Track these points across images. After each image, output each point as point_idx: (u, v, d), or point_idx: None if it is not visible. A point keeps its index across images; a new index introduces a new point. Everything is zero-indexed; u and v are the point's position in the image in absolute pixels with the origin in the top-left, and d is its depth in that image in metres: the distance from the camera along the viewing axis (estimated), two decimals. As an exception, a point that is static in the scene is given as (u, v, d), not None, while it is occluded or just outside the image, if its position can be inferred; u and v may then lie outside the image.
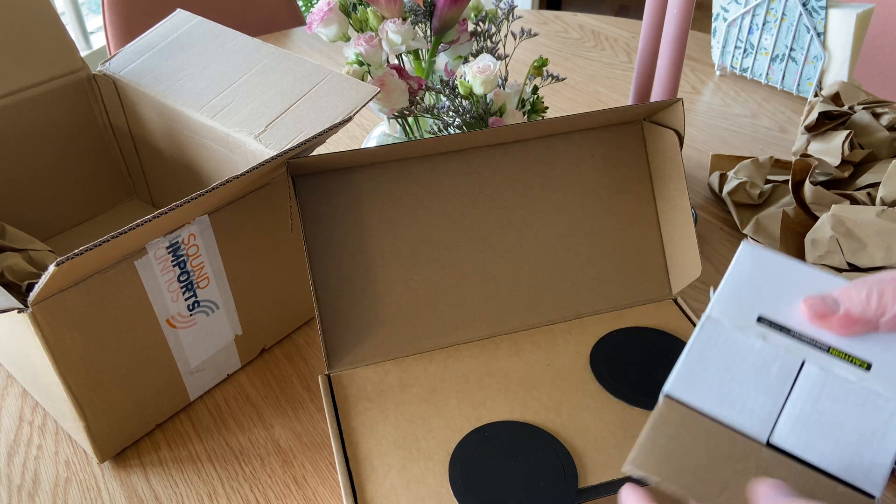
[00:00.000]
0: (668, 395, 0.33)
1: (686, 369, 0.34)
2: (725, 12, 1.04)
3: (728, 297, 0.36)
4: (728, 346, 0.35)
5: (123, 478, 0.53)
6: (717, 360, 0.34)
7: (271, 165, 0.49)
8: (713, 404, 0.33)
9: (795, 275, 0.37)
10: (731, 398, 0.33)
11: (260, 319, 0.60)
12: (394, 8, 0.65)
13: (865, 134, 0.74)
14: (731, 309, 0.36)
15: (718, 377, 0.34)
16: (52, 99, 0.67)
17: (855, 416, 0.32)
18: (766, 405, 0.33)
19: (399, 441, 0.49)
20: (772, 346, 0.34)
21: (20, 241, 0.60)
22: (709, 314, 0.36)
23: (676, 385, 0.34)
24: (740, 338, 0.35)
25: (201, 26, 0.68)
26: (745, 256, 0.38)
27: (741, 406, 0.33)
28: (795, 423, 0.32)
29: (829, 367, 0.33)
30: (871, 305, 0.33)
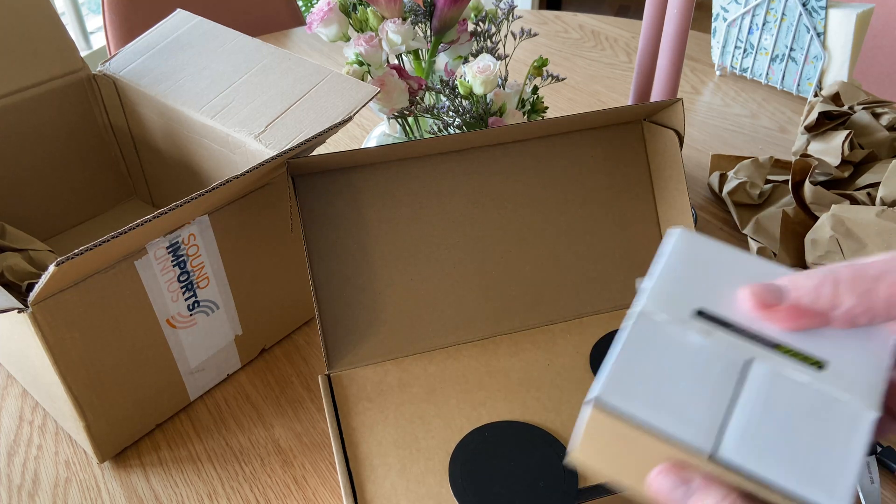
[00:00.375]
0: (598, 402, 0.29)
1: (617, 372, 0.29)
2: (725, 12, 1.04)
3: (662, 289, 0.31)
4: (664, 344, 0.30)
5: (123, 478, 0.53)
6: (652, 360, 0.30)
7: (271, 165, 0.49)
8: (648, 412, 0.28)
9: (736, 263, 0.32)
10: (668, 405, 0.28)
11: (260, 319, 0.60)
12: (394, 8, 0.65)
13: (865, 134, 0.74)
14: (665, 302, 0.31)
15: (654, 381, 0.29)
16: (52, 99, 0.67)
17: (811, 423, 0.28)
18: (708, 412, 0.28)
19: (399, 441, 0.49)
20: (713, 343, 0.30)
21: (20, 241, 0.60)
22: (641, 309, 0.31)
23: (607, 390, 0.29)
24: (677, 334, 0.30)
25: (201, 26, 0.68)
26: (677, 243, 0.33)
27: (680, 414, 0.28)
28: (743, 434, 0.28)
29: (778, 366, 0.29)
30: (822, 296, 0.29)
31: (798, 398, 0.28)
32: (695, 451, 0.27)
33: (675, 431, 0.28)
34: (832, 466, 0.27)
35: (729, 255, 0.33)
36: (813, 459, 0.27)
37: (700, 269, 0.32)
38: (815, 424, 0.28)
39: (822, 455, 0.27)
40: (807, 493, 0.27)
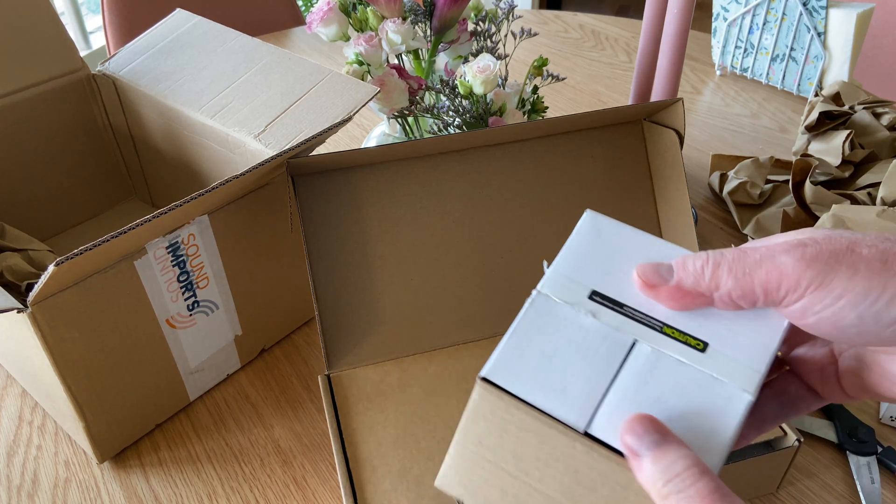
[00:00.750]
0: (484, 379, 0.29)
1: (507, 351, 0.29)
2: (726, 12, 1.04)
3: (562, 270, 0.32)
4: (555, 324, 0.30)
5: (123, 478, 0.53)
6: (542, 340, 0.30)
7: (271, 165, 0.49)
8: (531, 390, 0.28)
9: (639, 245, 0.33)
10: (551, 383, 0.29)
11: (260, 319, 0.60)
12: (394, 8, 0.65)
13: (866, 134, 0.74)
14: (563, 283, 0.31)
15: (541, 360, 0.29)
16: (52, 99, 0.67)
17: (687, 402, 0.28)
18: (587, 390, 0.28)
19: (399, 441, 0.48)
20: (602, 323, 0.30)
21: (20, 241, 0.60)
22: (538, 289, 0.31)
23: (495, 368, 0.29)
24: (569, 315, 0.30)
25: (201, 26, 0.68)
26: (585, 226, 0.33)
27: (561, 391, 0.28)
28: (615, 411, 0.28)
29: (661, 347, 0.29)
30: (704, 277, 0.29)
31: (676, 378, 0.29)
32: (571, 428, 0.28)
33: (553, 408, 0.28)
34: (706, 446, 0.27)
35: (633, 237, 0.33)
36: (686, 439, 0.27)
37: (602, 252, 0.33)
38: (691, 404, 0.28)
39: (695, 435, 0.27)
40: None
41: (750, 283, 0.28)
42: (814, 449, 0.55)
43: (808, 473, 0.53)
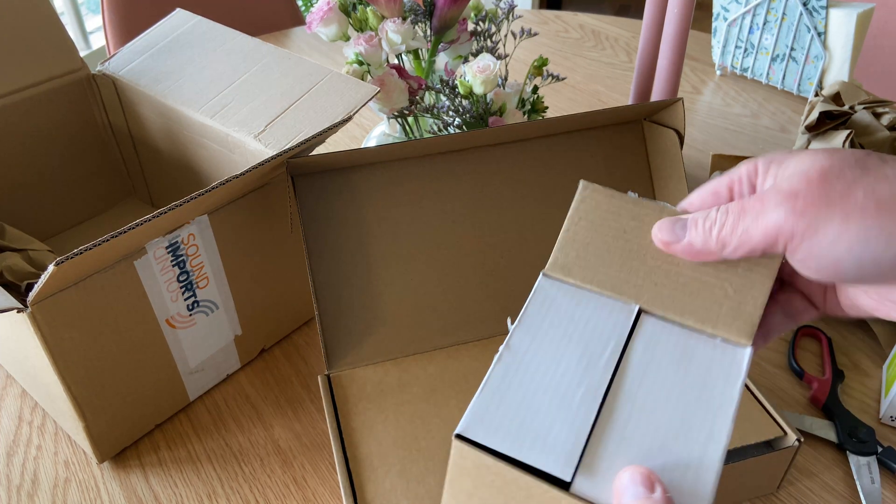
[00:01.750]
0: (460, 437, 0.29)
1: (480, 405, 0.30)
2: (726, 12, 1.04)
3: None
4: (529, 376, 0.31)
5: (123, 478, 0.53)
6: (516, 391, 0.30)
7: (271, 165, 0.49)
8: (510, 443, 0.28)
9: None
10: (530, 433, 0.29)
11: (259, 319, 0.60)
12: (393, 7, 0.65)
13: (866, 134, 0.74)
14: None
15: (517, 411, 0.29)
16: (52, 99, 0.67)
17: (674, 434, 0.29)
18: (568, 435, 0.28)
19: (399, 441, 0.48)
20: (575, 367, 0.31)
21: (19, 241, 0.60)
22: (507, 343, 0.32)
23: (470, 424, 0.29)
24: (541, 364, 0.31)
25: (201, 26, 0.68)
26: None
27: (542, 440, 0.28)
28: (602, 456, 0.28)
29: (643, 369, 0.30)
30: (711, 239, 0.32)
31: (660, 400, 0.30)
32: (556, 478, 0.27)
33: (534, 460, 0.28)
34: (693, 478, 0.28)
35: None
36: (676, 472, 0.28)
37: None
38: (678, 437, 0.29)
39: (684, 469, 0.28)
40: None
41: (750, 240, 0.31)
42: (814, 449, 0.55)
43: (808, 473, 0.53)
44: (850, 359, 0.62)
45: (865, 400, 0.58)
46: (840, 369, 0.60)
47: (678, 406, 0.30)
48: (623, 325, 0.33)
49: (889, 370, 0.58)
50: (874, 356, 0.62)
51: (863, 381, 0.60)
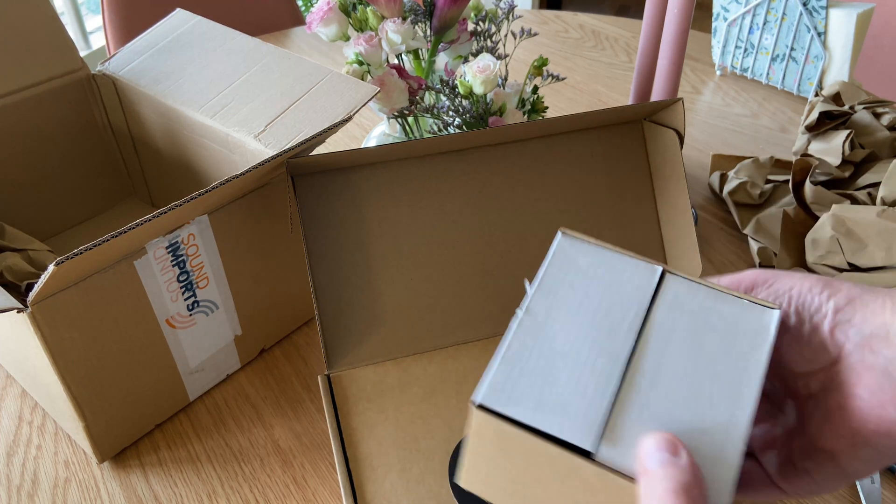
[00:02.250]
0: (481, 407, 0.28)
1: (500, 373, 0.29)
2: (726, 12, 1.04)
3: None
4: (549, 342, 0.30)
5: (123, 478, 0.53)
6: (537, 358, 0.29)
7: (271, 165, 0.49)
8: (531, 412, 0.28)
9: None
10: (551, 401, 0.28)
11: (259, 319, 0.60)
12: (393, 7, 0.65)
13: (866, 134, 0.74)
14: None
15: (538, 379, 0.29)
16: (52, 99, 0.67)
17: (697, 393, 0.28)
18: (591, 403, 0.28)
19: (399, 441, 0.48)
20: (595, 332, 0.30)
21: (19, 241, 0.60)
22: (526, 308, 0.31)
23: (490, 393, 0.28)
24: (560, 330, 0.30)
25: (201, 26, 0.68)
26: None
27: (563, 409, 0.28)
28: (626, 424, 0.27)
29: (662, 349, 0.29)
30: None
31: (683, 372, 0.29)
32: (578, 448, 0.27)
33: (557, 430, 0.27)
34: (723, 433, 0.27)
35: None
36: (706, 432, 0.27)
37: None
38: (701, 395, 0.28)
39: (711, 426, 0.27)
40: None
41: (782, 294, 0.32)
42: (814, 449, 0.54)
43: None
44: (850, 359, 0.62)
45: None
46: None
47: (704, 371, 0.29)
48: (646, 286, 0.31)
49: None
50: (874, 356, 0.62)
51: (863, 381, 0.60)
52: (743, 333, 0.30)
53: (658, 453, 0.26)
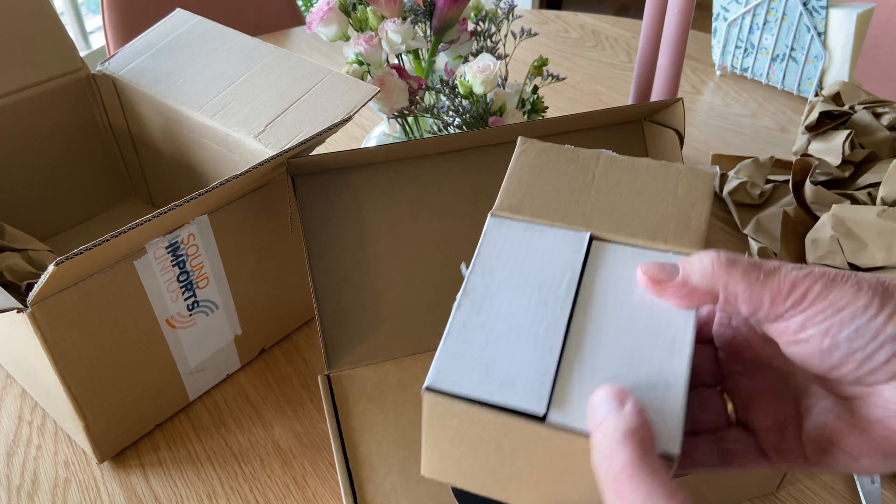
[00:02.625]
0: (430, 389, 0.28)
1: (445, 355, 0.29)
2: (726, 12, 1.04)
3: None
4: (490, 318, 0.31)
5: (123, 478, 0.53)
6: (479, 335, 0.30)
7: (271, 165, 0.49)
8: (480, 387, 0.28)
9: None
10: (498, 373, 0.28)
11: (259, 319, 0.60)
12: (393, 7, 0.65)
13: (866, 134, 0.74)
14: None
15: (483, 354, 0.29)
16: (52, 99, 0.67)
17: (640, 348, 0.29)
18: (536, 371, 0.28)
19: (399, 441, 0.48)
20: (535, 302, 0.31)
21: (19, 241, 0.60)
22: (464, 289, 0.32)
23: (438, 376, 0.29)
24: (501, 307, 0.31)
25: (201, 26, 0.68)
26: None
27: (511, 380, 0.28)
28: (575, 383, 0.28)
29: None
30: (713, 275, 0.29)
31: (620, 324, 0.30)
32: (530, 414, 0.27)
33: (506, 400, 0.28)
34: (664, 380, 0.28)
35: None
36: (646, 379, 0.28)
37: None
38: (644, 349, 0.29)
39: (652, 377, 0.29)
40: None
41: (760, 290, 0.28)
42: (814, 449, 0.54)
43: (808, 473, 0.53)
44: (850, 359, 0.62)
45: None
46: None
47: (640, 326, 0.30)
48: (576, 253, 0.33)
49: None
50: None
51: (863, 381, 0.60)
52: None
53: (605, 404, 0.27)
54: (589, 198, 0.35)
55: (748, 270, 0.29)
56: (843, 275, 0.28)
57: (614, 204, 0.35)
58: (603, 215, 0.34)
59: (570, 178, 0.36)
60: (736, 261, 0.29)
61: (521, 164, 0.37)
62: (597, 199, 0.35)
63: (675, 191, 0.35)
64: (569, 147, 0.37)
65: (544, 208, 0.35)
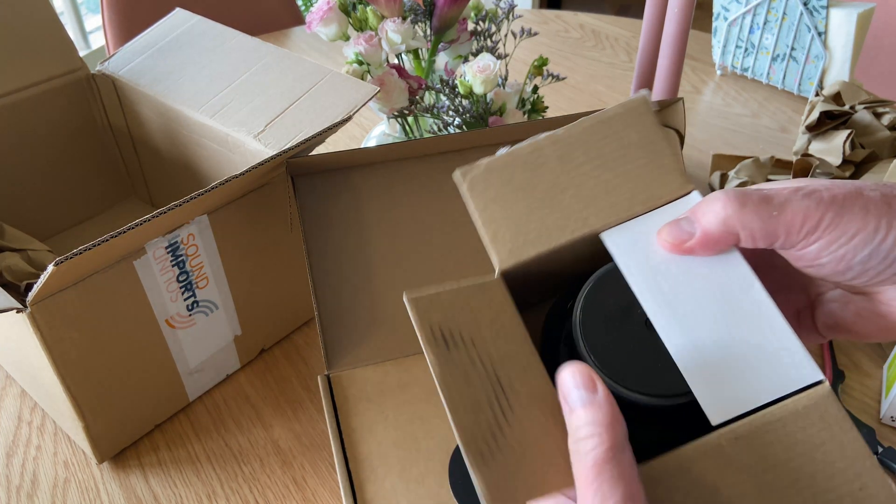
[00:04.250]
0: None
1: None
2: (726, 11, 1.04)
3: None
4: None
5: (122, 478, 0.53)
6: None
7: (271, 165, 0.49)
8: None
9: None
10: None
11: (259, 320, 0.60)
12: (393, 7, 0.65)
13: (866, 133, 0.74)
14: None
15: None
16: (51, 99, 0.67)
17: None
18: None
19: (399, 441, 0.48)
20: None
21: (19, 241, 0.60)
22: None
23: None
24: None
25: (200, 25, 0.67)
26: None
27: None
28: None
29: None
30: (730, 219, 0.30)
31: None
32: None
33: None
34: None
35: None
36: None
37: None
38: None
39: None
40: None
41: (775, 225, 0.30)
42: (814, 449, 0.54)
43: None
44: (850, 359, 0.62)
45: (866, 400, 0.58)
46: (840, 370, 0.60)
47: (704, 286, 0.31)
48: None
49: (889, 370, 0.58)
50: (874, 356, 0.62)
51: (863, 382, 0.60)
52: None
53: (576, 391, 0.28)
54: (564, 200, 0.34)
55: (760, 206, 0.30)
56: (851, 196, 0.29)
57: (593, 188, 0.34)
58: (593, 206, 0.34)
59: (535, 188, 0.34)
60: (746, 198, 0.30)
61: (479, 203, 0.35)
62: (571, 197, 0.34)
63: (629, 140, 0.34)
64: (503, 152, 0.35)
65: (540, 235, 0.34)
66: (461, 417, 0.29)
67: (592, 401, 0.27)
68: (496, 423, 0.29)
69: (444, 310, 0.31)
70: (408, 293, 0.30)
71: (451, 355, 0.30)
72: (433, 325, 0.30)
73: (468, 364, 0.30)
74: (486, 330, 0.31)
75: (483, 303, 0.31)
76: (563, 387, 0.29)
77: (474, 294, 0.31)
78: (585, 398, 0.28)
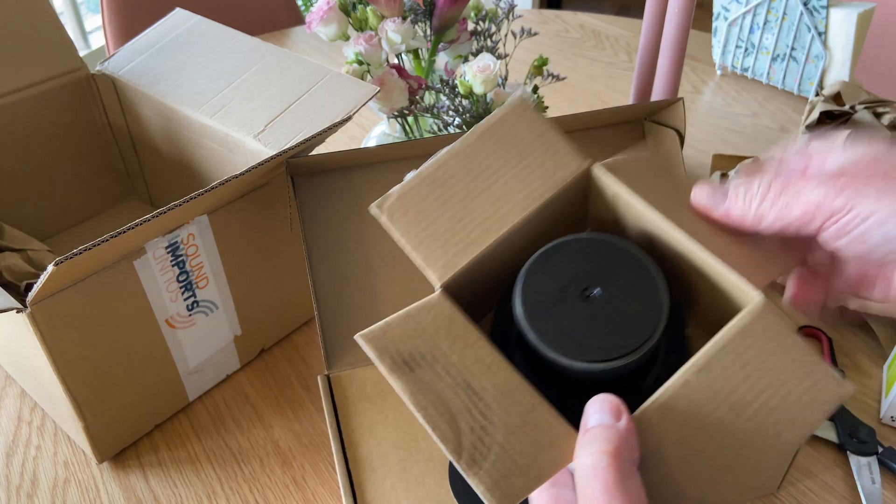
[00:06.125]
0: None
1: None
2: (726, 11, 1.04)
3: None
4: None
5: (122, 478, 0.53)
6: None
7: (270, 165, 0.49)
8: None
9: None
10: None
11: (259, 320, 0.60)
12: (393, 7, 0.65)
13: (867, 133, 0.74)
14: None
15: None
16: (51, 99, 0.67)
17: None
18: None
19: (399, 442, 0.48)
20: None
21: (18, 241, 0.60)
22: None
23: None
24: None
25: (200, 25, 0.67)
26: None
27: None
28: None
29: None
30: (751, 209, 0.32)
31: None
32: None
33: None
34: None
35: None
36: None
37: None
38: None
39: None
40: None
41: (788, 216, 0.31)
42: (814, 449, 0.54)
43: (808, 473, 0.53)
44: (850, 359, 0.62)
45: (866, 400, 0.58)
46: (840, 369, 0.60)
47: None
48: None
49: (889, 370, 0.58)
50: (874, 356, 0.62)
51: (863, 382, 0.60)
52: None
53: (600, 414, 0.29)
54: (482, 200, 0.35)
55: (776, 201, 0.31)
56: (869, 181, 0.30)
57: (502, 187, 0.35)
58: (508, 203, 0.35)
59: (450, 200, 0.36)
60: (767, 192, 0.32)
61: (403, 229, 0.36)
62: (488, 196, 0.35)
63: (521, 136, 0.36)
64: (410, 176, 0.36)
65: (468, 243, 0.35)
66: (444, 431, 0.29)
67: (614, 427, 0.28)
68: (479, 426, 0.30)
69: (398, 336, 0.32)
70: (358, 335, 0.31)
71: (417, 375, 0.31)
72: (391, 353, 0.31)
73: (435, 379, 0.31)
74: (443, 342, 0.31)
75: (432, 318, 0.32)
76: (589, 409, 0.30)
77: (421, 313, 0.32)
78: (607, 422, 0.28)
